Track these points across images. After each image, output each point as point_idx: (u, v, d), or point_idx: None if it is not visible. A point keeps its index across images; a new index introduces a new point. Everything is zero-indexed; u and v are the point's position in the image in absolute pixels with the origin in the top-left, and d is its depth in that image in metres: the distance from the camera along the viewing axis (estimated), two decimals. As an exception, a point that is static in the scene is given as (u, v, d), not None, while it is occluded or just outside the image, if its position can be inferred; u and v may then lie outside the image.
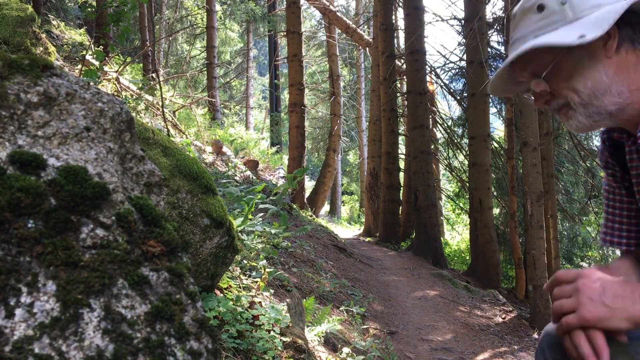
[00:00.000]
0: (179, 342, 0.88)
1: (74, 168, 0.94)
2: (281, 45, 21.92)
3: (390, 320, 4.89)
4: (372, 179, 12.15)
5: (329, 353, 3.00)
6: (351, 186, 28.43)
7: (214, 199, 2.19)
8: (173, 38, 19.32)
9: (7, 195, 0.83)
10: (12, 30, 4.03)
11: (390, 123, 10.74)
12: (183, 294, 0.96)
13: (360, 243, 10.35)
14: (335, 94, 15.59)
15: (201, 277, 2.15)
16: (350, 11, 22.78)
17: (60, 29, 8.45)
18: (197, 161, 2.25)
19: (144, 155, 1.18)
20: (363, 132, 19.48)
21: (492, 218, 8.34)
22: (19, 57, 1.02)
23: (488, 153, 8.50)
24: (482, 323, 5.35)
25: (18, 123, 0.95)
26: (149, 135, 2.07)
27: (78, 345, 0.76)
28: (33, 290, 0.77)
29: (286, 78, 16.13)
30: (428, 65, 10.18)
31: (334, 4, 16.07)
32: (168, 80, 14.09)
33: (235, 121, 21.71)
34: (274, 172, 13.62)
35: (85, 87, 1.09)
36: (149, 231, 1.00)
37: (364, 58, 20.21)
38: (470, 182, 8.63)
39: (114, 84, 7.57)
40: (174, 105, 10.83)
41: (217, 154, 10.09)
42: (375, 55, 12.17)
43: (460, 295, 6.51)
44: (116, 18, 4.10)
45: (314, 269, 5.53)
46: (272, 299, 3.15)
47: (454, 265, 10.99)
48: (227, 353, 2.02)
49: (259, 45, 33.55)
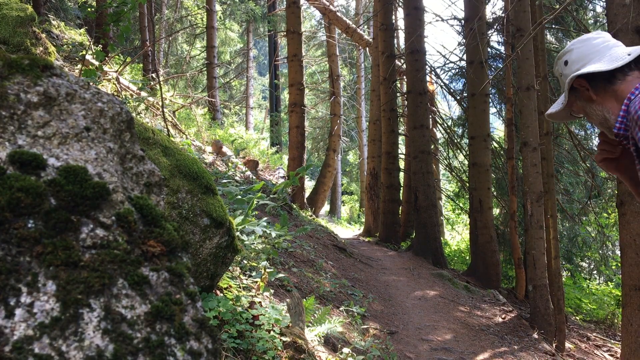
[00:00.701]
0: (179, 342, 0.88)
1: (74, 168, 0.94)
2: (281, 45, 21.93)
3: (390, 320, 4.89)
4: (372, 179, 12.15)
5: (329, 353, 3.00)
6: (351, 186, 28.43)
7: (214, 199, 2.19)
8: (173, 38, 19.33)
9: (7, 195, 0.83)
10: (12, 30, 4.03)
11: (390, 123, 10.74)
12: (183, 294, 0.96)
13: (360, 243, 10.36)
14: (335, 94, 15.59)
15: (201, 277, 2.15)
16: (350, 11, 22.78)
17: (60, 29, 8.45)
18: (197, 161, 2.25)
19: (144, 155, 1.18)
20: (363, 132, 19.48)
21: (492, 218, 8.34)
22: (19, 57, 1.02)
23: (488, 153, 8.50)
24: (482, 323, 5.35)
25: (18, 123, 0.95)
26: (149, 135, 2.07)
27: (78, 345, 0.76)
28: (33, 290, 0.77)
29: (286, 78, 16.14)
30: (428, 65, 10.18)
31: (334, 4, 16.07)
32: (168, 80, 14.09)
33: (235, 121, 21.71)
34: (274, 172, 13.62)
35: (85, 87, 1.09)
36: (149, 231, 1.00)
37: (364, 58, 20.22)
38: (470, 182, 8.63)
39: (113, 84, 7.57)
40: (174, 105, 10.83)
41: (217, 154, 10.09)
42: (375, 55, 12.17)
43: (460, 295, 6.51)
44: (116, 18, 4.10)
45: (314, 269, 5.53)
46: (272, 299, 3.15)
47: (454, 265, 10.99)
48: (227, 353, 2.02)
49: (259, 45, 33.56)
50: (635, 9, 3.81)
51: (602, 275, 11.57)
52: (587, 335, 7.00)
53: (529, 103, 5.65)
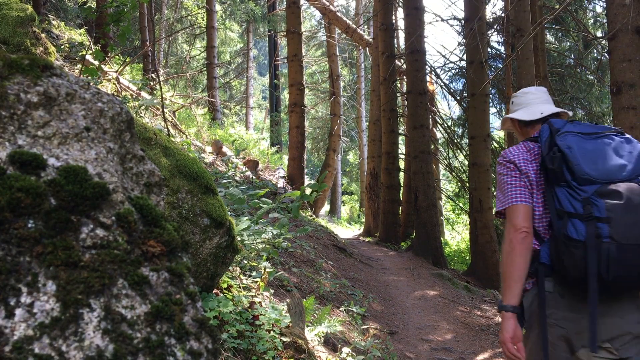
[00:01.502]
0: (179, 342, 0.88)
1: (74, 168, 0.94)
2: (281, 45, 21.91)
3: (390, 320, 4.89)
4: (372, 179, 12.15)
5: (329, 353, 3.00)
6: (351, 186, 28.43)
7: (214, 199, 2.19)
8: (173, 38, 19.33)
9: (7, 195, 0.83)
10: (12, 30, 4.03)
11: (390, 123, 10.74)
12: (183, 294, 0.96)
13: (360, 243, 10.36)
14: (335, 94, 15.59)
15: (201, 277, 2.15)
16: (350, 11, 22.77)
17: (60, 29, 8.45)
18: (197, 161, 2.25)
19: (144, 155, 1.18)
20: (363, 132, 19.48)
21: (492, 218, 8.34)
22: (19, 57, 1.02)
23: (488, 153, 8.50)
24: (482, 323, 5.35)
25: (18, 123, 0.95)
26: (149, 135, 2.07)
27: (78, 345, 0.76)
28: (33, 290, 0.77)
29: (286, 78, 16.13)
30: (428, 65, 10.18)
31: (334, 4, 16.07)
32: (168, 80, 14.09)
33: (235, 121, 21.70)
34: (274, 172, 13.61)
35: (85, 87, 1.09)
36: (149, 231, 1.00)
37: (364, 58, 20.21)
38: (470, 182, 8.63)
39: (113, 84, 7.57)
40: (174, 105, 10.83)
41: (217, 154, 10.10)
42: (375, 55, 12.17)
43: (460, 295, 6.51)
44: (116, 18, 4.10)
45: (314, 269, 5.53)
46: (272, 299, 3.15)
47: (454, 265, 10.99)
48: (227, 353, 2.02)
49: (259, 45, 33.55)
50: (635, 9, 3.82)
51: (602, 275, 11.55)
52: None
53: (529, 103, 5.65)
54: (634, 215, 1.50)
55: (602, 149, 1.63)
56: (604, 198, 1.54)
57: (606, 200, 1.53)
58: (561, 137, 1.67)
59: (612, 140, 1.66)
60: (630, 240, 1.49)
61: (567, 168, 1.61)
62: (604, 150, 1.63)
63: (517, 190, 1.76)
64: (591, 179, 1.57)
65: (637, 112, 3.87)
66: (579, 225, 1.55)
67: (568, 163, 1.61)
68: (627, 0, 3.86)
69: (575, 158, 1.61)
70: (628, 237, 1.49)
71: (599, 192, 1.55)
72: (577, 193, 1.58)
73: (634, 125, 3.86)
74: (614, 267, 1.49)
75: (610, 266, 1.49)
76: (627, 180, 1.57)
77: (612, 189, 1.54)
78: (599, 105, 9.75)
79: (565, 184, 1.62)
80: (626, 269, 1.50)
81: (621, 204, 1.52)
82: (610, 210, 1.52)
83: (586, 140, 1.66)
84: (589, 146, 1.64)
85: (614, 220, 1.51)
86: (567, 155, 1.61)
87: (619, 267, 1.49)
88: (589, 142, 1.65)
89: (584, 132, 1.69)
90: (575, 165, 1.60)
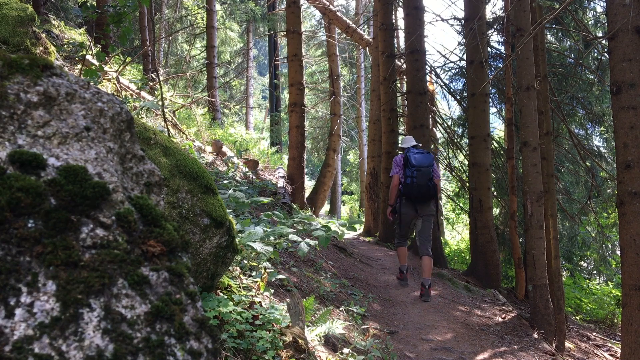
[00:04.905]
0: (179, 342, 0.88)
1: (74, 168, 0.94)
2: (281, 45, 21.91)
3: (390, 320, 4.89)
4: (372, 178, 12.15)
5: (329, 353, 3.00)
6: (351, 186, 28.42)
7: (214, 198, 2.19)
8: (173, 38, 19.32)
9: (7, 195, 0.83)
10: (12, 30, 4.03)
11: (390, 123, 10.74)
12: (183, 293, 0.96)
13: (360, 243, 10.35)
14: (335, 94, 15.58)
15: (201, 277, 2.15)
16: (350, 11, 22.77)
17: (60, 29, 8.44)
18: (197, 161, 2.25)
19: (144, 155, 1.18)
20: (363, 132, 19.47)
21: (492, 218, 8.34)
22: (19, 57, 1.02)
23: (488, 153, 8.50)
24: (482, 323, 5.35)
25: (18, 123, 0.95)
26: (149, 135, 2.07)
27: (78, 345, 0.76)
28: (33, 290, 0.77)
29: (286, 78, 16.12)
30: (428, 65, 10.17)
31: (334, 4, 16.06)
32: (168, 80, 14.09)
33: (235, 121, 21.71)
34: (274, 171, 13.61)
35: (85, 87, 1.09)
36: (148, 231, 1.00)
37: (364, 58, 20.21)
38: (470, 182, 8.63)
39: (113, 83, 7.57)
40: (174, 105, 10.83)
41: (217, 154, 10.10)
42: (375, 55, 12.17)
43: (460, 295, 6.51)
44: (117, 19, 4.10)
45: (314, 268, 5.53)
46: (272, 299, 3.15)
47: (454, 265, 11.00)
48: (227, 353, 2.02)
49: (259, 45, 33.55)
50: (635, 9, 3.82)
51: (602, 275, 11.57)
52: (587, 335, 7.00)
53: (529, 103, 5.65)
54: (423, 176, 5.64)
55: (418, 156, 5.68)
56: (415, 171, 5.61)
57: (414, 171, 5.60)
58: (409, 153, 5.74)
59: (422, 153, 5.72)
60: (421, 183, 5.61)
61: (408, 162, 5.68)
62: (418, 156, 5.69)
63: (397, 169, 5.80)
64: (414, 164, 5.62)
65: (637, 112, 3.87)
66: (408, 179, 5.65)
67: (409, 160, 5.70)
68: (627, 0, 3.86)
69: (411, 159, 5.67)
70: (419, 183, 5.62)
71: (415, 169, 5.61)
72: (410, 170, 5.64)
73: (634, 125, 3.86)
74: (415, 192, 5.62)
75: (414, 191, 5.62)
76: (420, 166, 5.61)
77: (418, 167, 5.60)
78: (599, 105, 9.75)
79: (408, 167, 5.65)
80: (417, 193, 5.63)
81: (419, 172, 5.58)
82: (416, 177, 5.62)
83: (416, 153, 5.70)
84: (417, 155, 5.68)
85: (417, 177, 5.60)
86: (409, 158, 5.69)
87: (417, 192, 5.62)
88: (417, 154, 5.69)
89: (416, 151, 5.76)
90: (411, 161, 5.69)
